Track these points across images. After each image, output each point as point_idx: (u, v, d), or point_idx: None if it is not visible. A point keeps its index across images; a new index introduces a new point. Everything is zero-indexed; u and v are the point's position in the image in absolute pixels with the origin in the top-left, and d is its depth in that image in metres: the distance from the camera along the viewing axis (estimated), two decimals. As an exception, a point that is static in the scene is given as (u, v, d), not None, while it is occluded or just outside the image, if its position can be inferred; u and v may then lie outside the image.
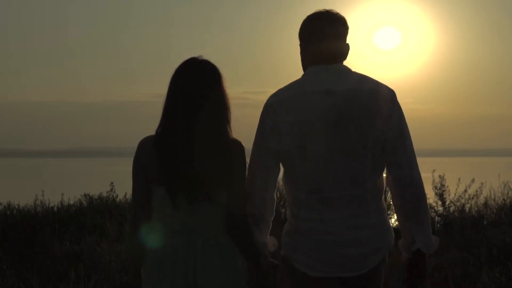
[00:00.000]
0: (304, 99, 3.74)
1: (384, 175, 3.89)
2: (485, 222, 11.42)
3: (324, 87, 3.74)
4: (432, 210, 11.58)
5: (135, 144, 3.82)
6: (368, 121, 3.71)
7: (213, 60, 3.80)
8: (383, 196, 3.88)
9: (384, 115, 3.73)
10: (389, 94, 3.77)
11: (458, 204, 11.55)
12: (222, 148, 3.67)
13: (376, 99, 3.73)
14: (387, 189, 3.96)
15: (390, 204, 9.87)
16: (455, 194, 11.63)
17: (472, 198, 11.68)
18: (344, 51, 3.84)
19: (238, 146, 3.72)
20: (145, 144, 3.74)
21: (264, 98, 3.92)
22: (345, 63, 3.87)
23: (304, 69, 3.90)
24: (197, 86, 3.71)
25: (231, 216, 3.71)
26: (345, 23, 3.84)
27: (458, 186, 11.69)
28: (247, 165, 3.78)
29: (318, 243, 3.75)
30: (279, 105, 3.76)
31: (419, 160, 3.89)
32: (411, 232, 3.82)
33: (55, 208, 12.88)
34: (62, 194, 13.49)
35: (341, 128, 3.71)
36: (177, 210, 3.68)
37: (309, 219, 3.77)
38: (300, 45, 3.91)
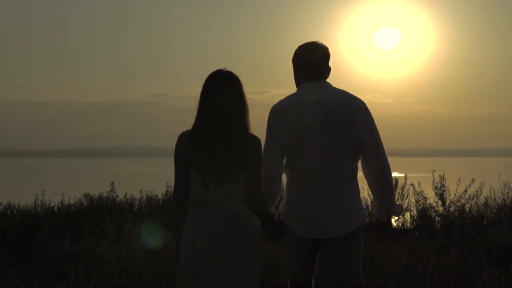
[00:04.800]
0: (301, 106, 5.05)
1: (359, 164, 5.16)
2: (485, 222, 11.43)
3: (315, 98, 5.06)
4: (432, 210, 11.60)
5: (135, 144, 3.98)
6: (347, 125, 5.02)
7: (213, 60, 4.06)
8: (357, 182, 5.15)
9: (359, 121, 5.04)
10: (362, 105, 5.10)
11: (458, 204, 11.55)
12: (243, 143, 4.65)
13: (354, 108, 5.04)
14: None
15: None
16: (455, 194, 11.62)
17: (472, 198, 11.68)
18: (327, 72, 5.17)
19: (256, 141, 4.71)
20: (183, 138, 4.72)
21: (265, 98, 4.16)
22: (344, 63, 5.14)
23: (297, 85, 5.18)
24: (224, 93, 4.66)
25: (250, 193, 4.71)
26: (328, 51, 5.15)
27: (458, 186, 11.68)
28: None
29: (304, 212, 5.04)
30: (283, 110, 5.06)
31: (419, 160, 4.05)
32: (384, 203, 5.14)
33: (55, 208, 12.90)
34: (62, 194, 13.53)
35: (327, 128, 5.01)
36: (207, 188, 4.69)
37: (299, 194, 5.07)
38: (295, 68, 5.19)
